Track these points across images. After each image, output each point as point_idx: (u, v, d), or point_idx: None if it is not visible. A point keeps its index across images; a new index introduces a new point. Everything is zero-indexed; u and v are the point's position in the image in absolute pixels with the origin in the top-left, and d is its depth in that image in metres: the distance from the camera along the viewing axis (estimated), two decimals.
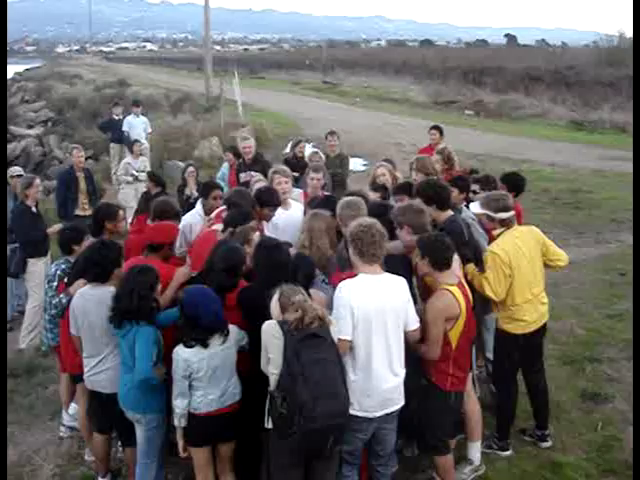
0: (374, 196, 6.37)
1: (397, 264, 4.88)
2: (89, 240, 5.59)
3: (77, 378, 5.36)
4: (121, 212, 6.22)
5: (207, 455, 4.60)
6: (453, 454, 4.95)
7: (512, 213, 5.28)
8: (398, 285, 4.40)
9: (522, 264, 5.14)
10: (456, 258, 4.80)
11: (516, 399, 5.57)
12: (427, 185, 5.59)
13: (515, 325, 5.22)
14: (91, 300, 4.79)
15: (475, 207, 5.42)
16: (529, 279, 5.20)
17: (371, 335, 4.22)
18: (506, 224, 5.24)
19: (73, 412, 6.09)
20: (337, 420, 3.94)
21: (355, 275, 4.38)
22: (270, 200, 6.03)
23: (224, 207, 6.02)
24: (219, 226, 5.62)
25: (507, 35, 77.63)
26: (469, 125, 24.85)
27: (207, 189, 6.81)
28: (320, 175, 7.04)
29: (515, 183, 6.45)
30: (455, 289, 4.55)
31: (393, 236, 5.27)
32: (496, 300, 5.16)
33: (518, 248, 5.15)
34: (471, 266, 5.14)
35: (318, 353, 3.92)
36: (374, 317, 4.21)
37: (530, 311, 5.23)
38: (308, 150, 10.27)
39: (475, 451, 5.25)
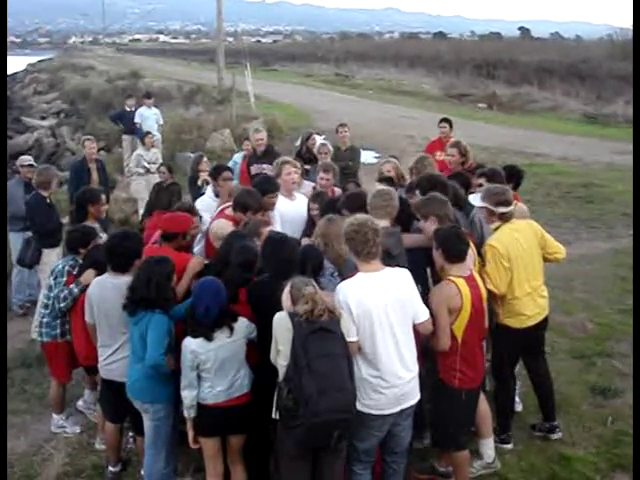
0: (380, 187, 6.38)
1: (413, 257, 4.90)
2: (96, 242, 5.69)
3: (92, 370, 5.37)
4: (103, 196, 6.67)
5: (217, 446, 4.61)
6: None
7: (512, 207, 5.29)
8: (401, 278, 4.37)
9: (520, 257, 5.15)
10: (470, 253, 4.79)
11: (514, 392, 5.64)
12: (425, 179, 5.73)
13: (515, 319, 5.23)
14: (110, 289, 4.80)
15: (475, 200, 5.44)
16: (528, 272, 5.21)
17: (375, 333, 4.19)
18: (505, 218, 5.25)
19: (83, 404, 6.18)
20: (342, 414, 3.91)
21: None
22: (268, 187, 6.03)
23: (229, 204, 6.03)
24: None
25: (521, 28, 77.06)
26: (482, 118, 24.76)
27: (217, 171, 6.94)
28: (329, 176, 6.93)
29: (513, 175, 6.43)
30: (460, 281, 4.54)
31: (407, 229, 5.27)
32: (497, 293, 5.14)
33: (516, 241, 5.16)
34: None
35: (326, 346, 3.91)
36: (375, 314, 4.18)
37: (530, 305, 5.25)
38: (318, 142, 10.20)
39: (486, 448, 5.22)
